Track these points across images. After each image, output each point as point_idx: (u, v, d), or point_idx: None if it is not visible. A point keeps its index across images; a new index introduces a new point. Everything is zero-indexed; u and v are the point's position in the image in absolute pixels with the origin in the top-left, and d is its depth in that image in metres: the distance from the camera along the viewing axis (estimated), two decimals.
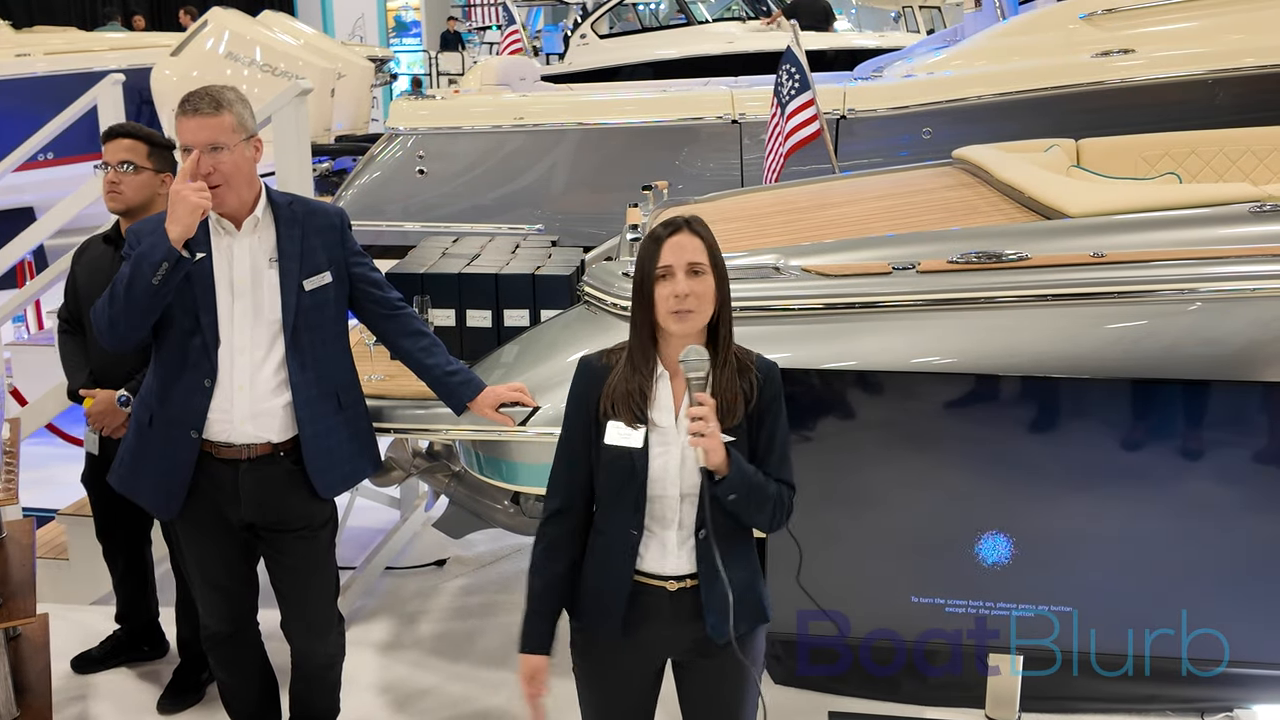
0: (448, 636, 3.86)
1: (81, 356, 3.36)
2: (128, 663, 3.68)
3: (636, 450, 2.15)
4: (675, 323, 2.11)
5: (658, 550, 2.19)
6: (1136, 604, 2.83)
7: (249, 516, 2.79)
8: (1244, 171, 4.10)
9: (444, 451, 3.66)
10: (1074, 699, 3.23)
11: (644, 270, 2.13)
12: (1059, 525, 2.83)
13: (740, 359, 2.19)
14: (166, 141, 3.38)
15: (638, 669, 2.30)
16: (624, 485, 2.16)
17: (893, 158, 5.96)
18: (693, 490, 2.15)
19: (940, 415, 2.85)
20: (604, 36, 11.66)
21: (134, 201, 3.28)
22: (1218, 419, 2.76)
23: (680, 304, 2.09)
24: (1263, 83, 5.52)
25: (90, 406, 3.23)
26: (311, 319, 2.73)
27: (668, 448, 2.16)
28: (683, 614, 2.20)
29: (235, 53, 7.66)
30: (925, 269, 3.03)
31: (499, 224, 6.20)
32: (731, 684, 2.26)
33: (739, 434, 2.15)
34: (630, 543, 2.18)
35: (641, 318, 2.16)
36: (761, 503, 2.16)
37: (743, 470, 2.12)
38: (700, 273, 2.11)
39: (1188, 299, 2.91)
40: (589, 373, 2.23)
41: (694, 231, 2.14)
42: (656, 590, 2.20)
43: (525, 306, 3.38)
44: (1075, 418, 2.81)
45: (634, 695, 2.32)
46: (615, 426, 2.16)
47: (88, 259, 3.42)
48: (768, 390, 2.19)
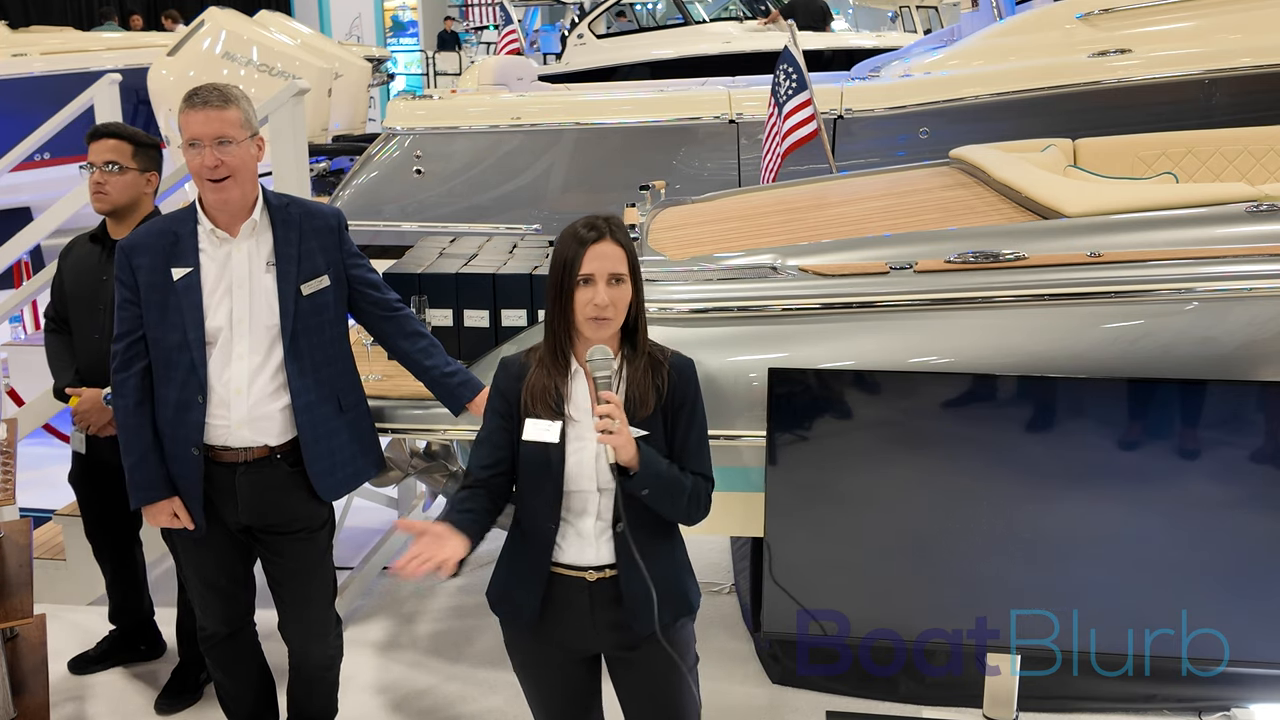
0: (445, 637, 3.86)
1: (68, 355, 3.35)
2: (124, 663, 3.68)
3: (553, 445, 2.19)
4: (593, 329, 2.17)
5: (575, 541, 2.24)
6: (1136, 604, 2.83)
7: (246, 519, 2.78)
8: (1241, 171, 4.10)
9: (441, 452, 3.66)
10: (1072, 698, 3.23)
11: (565, 272, 2.17)
12: (1057, 525, 2.83)
13: (654, 355, 2.25)
14: (151, 140, 3.37)
15: (567, 660, 2.34)
16: (541, 479, 2.21)
17: (890, 157, 5.96)
18: (609, 484, 2.19)
19: (938, 415, 2.86)
20: (601, 36, 11.66)
21: (120, 202, 3.28)
22: (1214, 419, 2.76)
23: (600, 312, 2.14)
24: (1259, 82, 5.53)
25: (76, 405, 3.23)
26: (310, 322, 2.73)
27: (583, 443, 2.20)
28: (601, 603, 2.24)
29: (232, 52, 7.65)
30: (922, 269, 3.03)
31: (496, 224, 6.20)
32: (663, 677, 2.29)
33: (652, 427, 2.19)
34: (548, 535, 2.23)
35: (559, 318, 2.20)
36: (675, 496, 2.20)
37: (654, 465, 2.16)
38: (620, 282, 2.17)
39: (1184, 298, 2.91)
40: (509, 371, 2.28)
41: (616, 240, 2.18)
42: (575, 580, 2.25)
43: (523, 306, 3.38)
44: (1073, 417, 2.81)
45: (570, 688, 2.37)
46: (533, 423, 2.21)
47: (73, 258, 3.41)
48: (681, 386, 2.24)
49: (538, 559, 2.25)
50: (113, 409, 2.77)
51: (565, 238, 2.21)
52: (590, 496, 2.22)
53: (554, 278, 2.20)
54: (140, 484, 2.73)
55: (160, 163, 3.40)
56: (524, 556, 2.28)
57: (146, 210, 3.35)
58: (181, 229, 2.71)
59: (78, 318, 3.34)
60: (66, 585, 3.97)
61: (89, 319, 3.30)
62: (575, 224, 2.22)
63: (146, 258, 2.69)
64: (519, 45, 10.73)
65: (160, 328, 2.69)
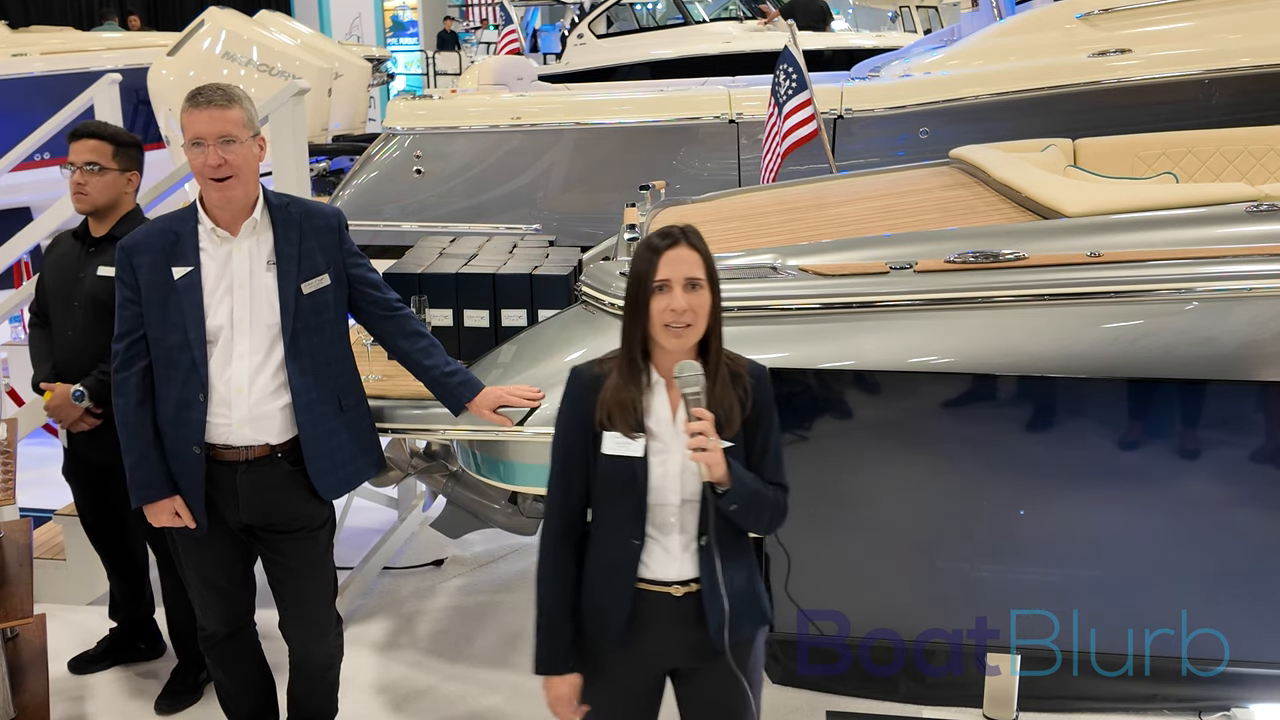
0: (445, 636, 3.86)
1: (47, 349, 3.38)
2: (124, 662, 3.68)
3: (637, 460, 2.13)
4: (671, 338, 2.10)
5: (661, 556, 2.18)
6: (1136, 604, 2.83)
7: (247, 518, 2.78)
8: (1241, 171, 4.10)
9: (441, 451, 3.66)
10: (1072, 698, 3.23)
11: (640, 282, 2.11)
12: (1057, 525, 2.83)
13: (732, 365, 2.18)
14: (132, 140, 3.38)
15: (641, 677, 2.28)
16: (624, 495, 2.15)
17: (890, 157, 5.96)
18: (693, 496, 2.14)
19: (937, 415, 2.86)
20: (601, 36, 11.66)
21: (100, 202, 3.29)
22: (1215, 419, 2.76)
23: (677, 319, 2.08)
24: (1259, 82, 5.52)
25: (47, 400, 3.23)
26: (310, 321, 2.73)
27: (667, 455, 2.15)
28: (687, 618, 2.19)
29: (232, 52, 7.64)
30: (922, 269, 3.03)
31: (496, 224, 6.20)
32: (732, 690, 2.23)
33: (735, 439, 2.14)
34: (633, 551, 2.17)
35: (635, 329, 2.14)
36: (761, 509, 2.17)
37: (743, 480, 2.12)
38: (698, 287, 2.10)
39: (1185, 299, 2.91)
40: (581, 383, 2.21)
41: (691, 245, 2.12)
42: (661, 596, 2.19)
43: (523, 306, 3.38)
44: (1073, 418, 2.81)
45: (640, 703, 2.30)
46: (613, 437, 2.14)
47: (56, 254, 3.43)
48: (760, 395, 2.19)
49: (625, 576, 2.17)
50: (113, 407, 2.77)
51: (639, 248, 2.14)
52: (672, 509, 2.15)
53: (629, 289, 2.13)
54: (141, 483, 2.73)
55: (141, 162, 3.42)
56: (610, 574, 2.19)
57: (128, 208, 3.37)
58: (182, 228, 2.71)
59: (55, 313, 3.36)
60: (66, 585, 3.97)
61: (65, 315, 3.32)
62: (649, 234, 2.15)
63: (147, 256, 2.69)
64: (519, 45, 10.73)
65: (161, 327, 2.69)
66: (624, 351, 2.17)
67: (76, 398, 3.18)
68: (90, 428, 3.23)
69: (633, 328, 2.15)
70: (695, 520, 2.16)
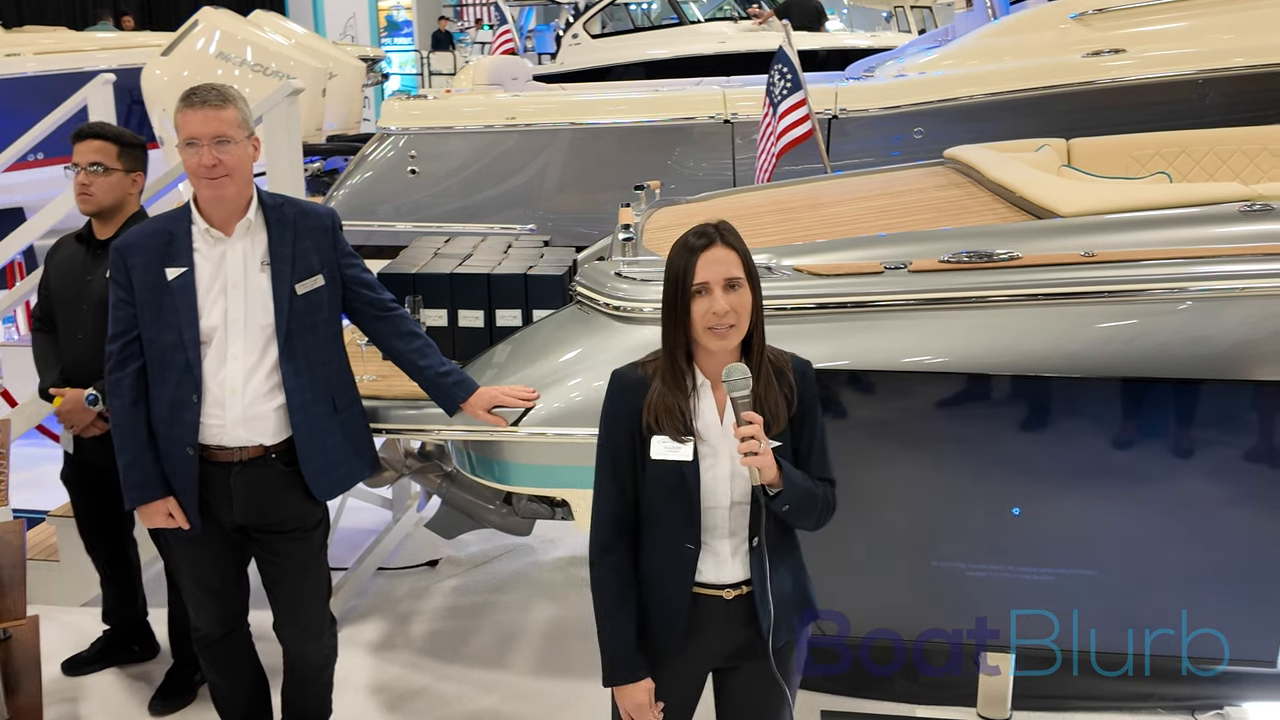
0: (440, 637, 3.85)
1: (53, 354, 3.35)
2: (118, 664, 3.67)
3: (687, 464, 2.11)
4: (714, 339, 2.08)
5: (713, 560, 2.17)
6: (1134, 603, 2.83)
7: (241, 519, 2.78)
8: (1234, 171, 4.11)
9: (436, 452, 3.65)
10: (1066, 697, 3.24)
11: (679, 284, 2.08)
12: (1053, 525, 2.83)
13: (775, 362, 2.16)
14: (137, 140, 3.36)
15: (687, 677, 2.27)
16: (675, 499, 2.12)
17: (884, 157, 5.96)
18: (743, 498, 2.13)
19: (932, 415, 2.86)
20: (596, 36, 11.66)
21: (105, 203, 3.28)
22: (1209, 418, 2.76)
23: (719, 321, 2.05)
24: (1252, 82, 5.53)
25: (59, 406, 3.22)
26: (305, 322, 2.73)
27: (716, 459, 2.13)
28: (738, 620, 2.18)
29: (226, 52, 7.63)
30: (917, 268, 3.03)
31: (491, 224, 6.19)
32: (771, 689, 2.22)
33: (783, 437, 2.13)
34: (688, 557, 2.14)
35: (676, 332, 2.11)
36: (811, 507, 2.15)
37: (794, 480, 2.10)
38: (738, 287, 2.07)
39: (1178, 298, 2.91)
40: (625, 386, 2.17)
41: (727, 243, 2.08)
42: (714, 600, 2.18)
43: (518, 307, 3.37)
44: (1067, 417, 2.82)
45: (680, 702, 2.28)
46: (661, 441, 2.11)
47: (59, 258, 3.40)
48: (805, 391, 2.17)
49: (681, 581, 2.15)
50: (108, 409, 2.76)
51: (675, 250, 2.11)
52: (723, 512, 2.13)
53: (668, 292, 2.10)
54: (134, 484, 2.73)
55: (145, 163, 3.39)
56: (663, 580, 2.17)
57: (132, 210, 3.34)
58: (176, 228, 2.71)
59: (62, 318, 3.33)
60: (60, 586, 3.96)
61: (73, 319, 3.29)
62: (684, 234, 2.12)
63: (141, 257, 2.69)
64: (514, 45, 10.72)
65: (155, 327, 2.68)
66: (666, 355, 2.14)
67: (90, 402, 3.17)
68: (101, 432, 3.21)
69: (673, 330, 2.11)
70: (745, 522, 2.14)
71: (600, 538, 2.20)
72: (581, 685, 3.46)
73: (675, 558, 2.15)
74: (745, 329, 2.10)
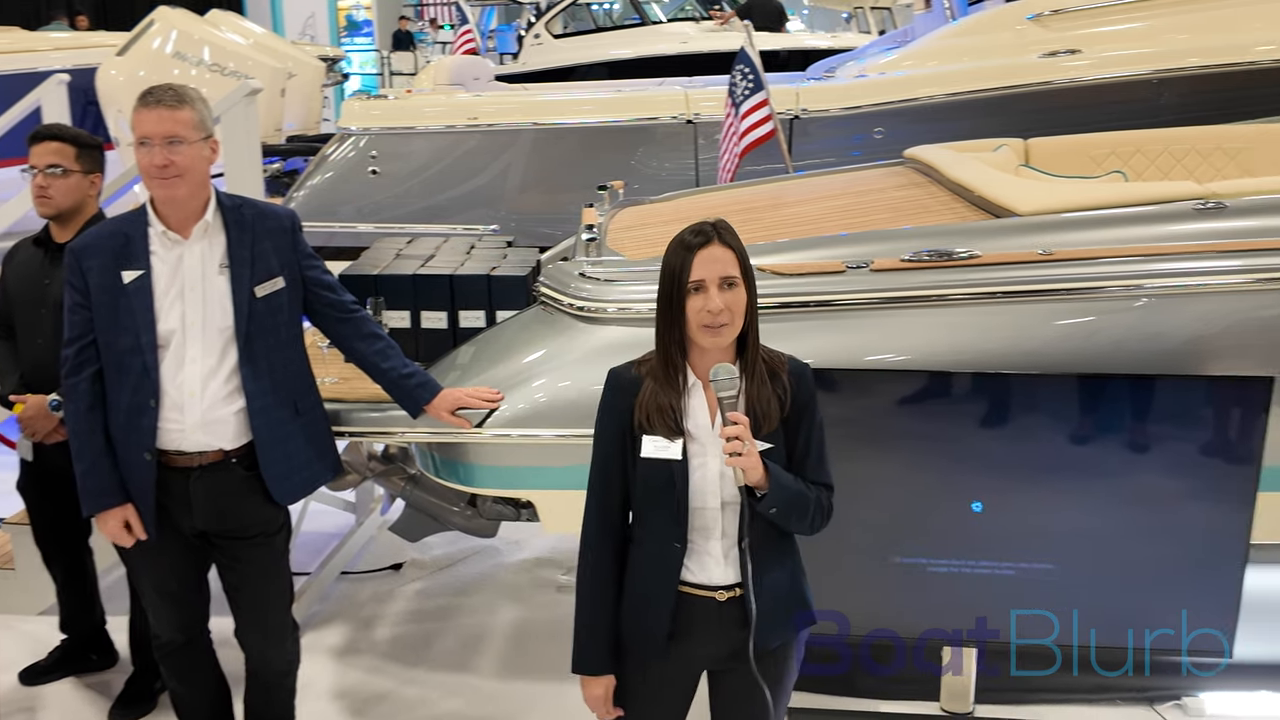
0: (405, 641, 3.83)
1: (12, 361, 3.29)
2: (77, 673, 3.61)
3: (675, 462, 2.11)
4: (709, 337, 2.08)
5: (703, 560, 2.16)
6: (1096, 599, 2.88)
7: (201, 524, 2.75)
8: (1188, 170, 4.17)
9: (400, 454, 3.63)
10: (1026, 690, 3.27)
11: (675, 282, 2.08)
12: (1013, 519, 2.87)
13: (770, 363, 2.16)
14: (95, 141, 3.32)
15: (680, 677, 2.26)
16: (664, 498, 2.13)
17: (845, 157, 6.00)
18: (733, 499, 2.12)
19: (894, 413, 2.89)
20: (558, 36, 11.65)
21: (64, 205, 3.23)
22: (1164, 413, 2.81)
23: (714, 319, 2.06)
24: (1206, 82, 5.63)
25: (21, 412, 3.16)
26: (265, 325, 2.70)
27: (706, 459, 2.12)
28: (730, 622, 2.17)
29: (183, 52, 7.55)
30: (879, 268, 3.05)
31: (454, 225, 6.17)
32: (762, 693, 2.21)
33: (775, 439, 2.12)
34: (675, 555, 2.15)
35: (671, 330, 2.11)
36: (802, 511, 2.14)
37: (782, 483, 2.09)
38: (734, 286, 2.07)
39: (1134, 295, 2.96)
40: (619, 385, 2.18)
41: (724, 242, 2.09)
42: (704, 601, 2.17)
43: (481, 308, 3.36)
44: (1028, 413, 2.85)
45: (673, 702, 2.28)
46: (652, 440, 2.12)
47: (17, 262, 3.35)
48: (801, 393, 2.16)
49: (666, 581, 2.15)
50: (64, 414, 2.71)
51: (671, 247, 2.11)
52: (713, 513, 2.13)
53: (663, 289, 2.10)
54: (92, 490, 2.69)
55: (103, 164, 3.35)
56: (651, 578, 2.17)
57: (91, 212, 3.30)
58: (133, 231, 2.67)
59: (21, 322, 3.28)
60: (16, 595, 3.89)
61: (33, 323, 3.24)
62: (681, 232, 2.12)
63: (97, 260, 2.65)
64: (475, 45, 10.68)
65: (111, 331, 2.64)
66: (660, 353, 2.14)
67: (53, 407, 3.11)
68: (64, 438, 3.15)
69: (668, 328, 2.12)
70: (736, 524, 2.14)
71: (586, 533, 2.23)
72: (547, 687, 3.46)
73: (664, 556, 2.16)
74: (739, 327, 2.10)
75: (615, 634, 2.22)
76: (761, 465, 2.05)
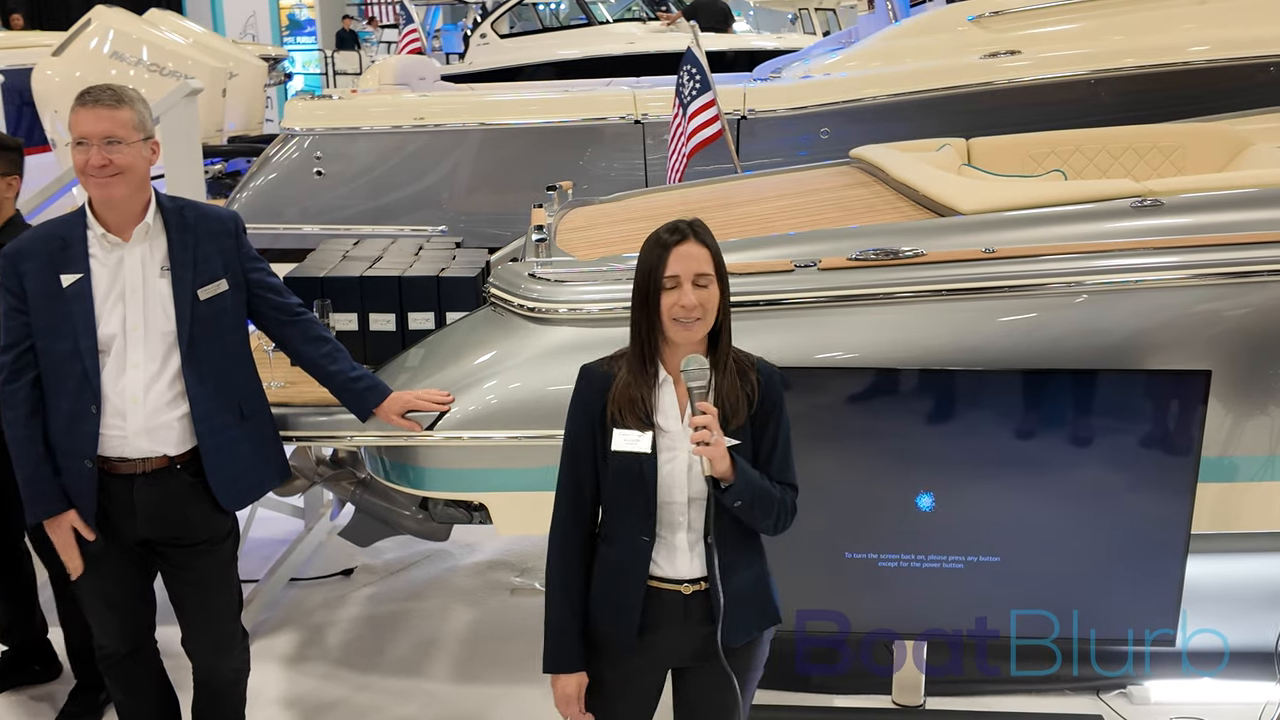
0: (356, 647, 3.79)
1: None
2: (18, 685, 3.54)
3: (645, 456, 2.14)
4: (681, 331, 2.12)
5: (670, 554, 2.19)
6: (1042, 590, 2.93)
7: (145, 532, 2.70)
8: (1126, 168, 4.26)
9: (349, 458, 3.60)
10: (975, 681, 3.32)
11: (650, 277, 2.12)
12: (959, 513, 2.91)
13: (740, 362, 2.20)
14: (14, 143, 3.28)
15: (647, 673, 2.28)
16: (633, 491, 2.16)
17: (792, 157, 6.05)
18: (700, 494, 2.15)
19: (844, 409, 2.92)
20: (504, 36, 11.59)
21: None
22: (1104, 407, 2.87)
23: (687, 314, 2.10)
24: (1143, 82, 5.75)
25: None
26: (208, 328, 2.66)
27: (674, 453, 2.15)
28: (696, 616, 2.20)
29: (121, 52, 7.40)
30: (826, 266, 3.08)
31: (401, 226, 6.12)
32: (726, 689, 2.23)
33: (743, 437, 2.15)
34: (643, 549, 2.17)
35: (645, 325, 2.15)
36: (767, 507, 2.17)
37: (748, 477, 2.12)
38: (707, 284, 2.12)
39: (1075, 291, 3.01)
40: (592, 380, 2.21)
41: (700, 240, 2.14)
42: (671, 594, 2.20)
43: (430, 309, 3.34)
44: (971, 409, 2.90)
45: (643, 701, 2.30)
46: (622, 434, 2.15)
47: None
48: (769, 394, 2.20)
49: (635, 574, 2.18)
50: (3, 421, 2.65)
51: (648, 244, 2.15)
52: (680, 507, 2.16)
53: (638, 284, 2.14)
54: (35, 498, 2.63)
55: (21, 165, 3.31)
56: (619, 572, 2.20)
57: (8, 214, 3.25)
58: (70, 234, 2.62)
59: None
60: None
61: None
62: (657, 230, 2.16)
63: (34, 263, 2.59)
64: (420, 44, 10.61)
65: (49, 336, 2.59)
66: (633, 347, 2.18)
67: None
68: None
69: (642, 323, 2.16)
70: (703, 519, 2.17)
71: (556, 530, 2.25)
72: (502, 690, 3.45)
73: (632, 550, 2.19)
74: (711, 323, 2.15)
75: (585, 631, 2.24)
76: (728, 456, 2.09)
